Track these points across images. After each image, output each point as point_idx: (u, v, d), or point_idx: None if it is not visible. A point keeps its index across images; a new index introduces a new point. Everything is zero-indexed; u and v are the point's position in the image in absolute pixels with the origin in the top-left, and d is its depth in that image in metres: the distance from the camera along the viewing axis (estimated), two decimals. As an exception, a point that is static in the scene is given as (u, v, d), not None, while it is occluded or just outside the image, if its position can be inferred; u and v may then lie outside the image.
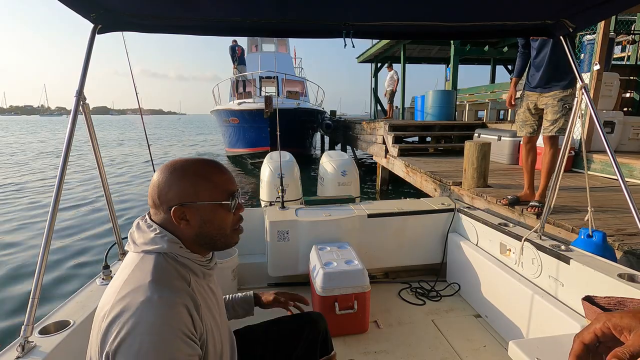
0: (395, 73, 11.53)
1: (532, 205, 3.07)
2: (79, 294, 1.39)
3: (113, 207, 1.64)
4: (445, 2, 1.44)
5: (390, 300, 2.39)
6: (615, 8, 1.47)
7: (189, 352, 0.75)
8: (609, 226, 2.70)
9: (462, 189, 4.08)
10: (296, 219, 2.42)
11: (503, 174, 4.85)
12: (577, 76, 1.71)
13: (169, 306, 0.75)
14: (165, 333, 0.72)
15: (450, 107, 9.24)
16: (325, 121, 14.02)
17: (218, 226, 0.88)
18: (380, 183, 8.25)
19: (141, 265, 0.81)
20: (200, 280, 0.89)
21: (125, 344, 0.71)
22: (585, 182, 2.00)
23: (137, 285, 0.77)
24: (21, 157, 16.01)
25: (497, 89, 10.10)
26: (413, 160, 6.24)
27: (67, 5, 1.24)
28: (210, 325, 0.86)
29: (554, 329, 1.60)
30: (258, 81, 12.88)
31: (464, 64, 14.85)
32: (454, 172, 5.03)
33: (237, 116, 11.31)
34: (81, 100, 1.33)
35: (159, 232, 0.85)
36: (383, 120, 8.43)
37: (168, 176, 0.86)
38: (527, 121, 3.22)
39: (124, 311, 0.73)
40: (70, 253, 4.74)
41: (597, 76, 4.86)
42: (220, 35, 1.65)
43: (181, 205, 0.84)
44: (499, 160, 5.86)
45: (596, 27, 4.84)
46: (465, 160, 4.03)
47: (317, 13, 1.53)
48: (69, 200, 7.48)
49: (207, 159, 0.92)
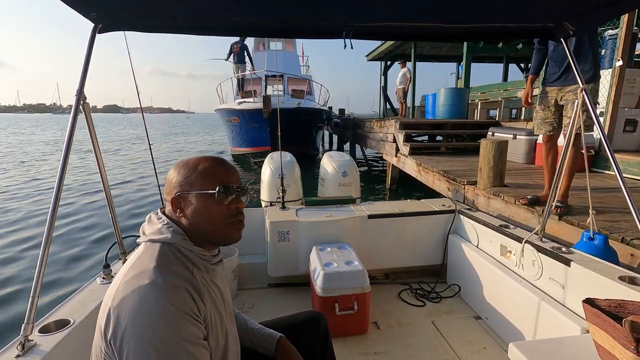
0: (408, 71, 11.35)
1: (555, 206, 2.93)
2: (80, 293, 1.40)
3: (114, 206, 1.65)
4: (446, 4, 1.44)
5: (390, 302, 2.39)
6: (617, 11, 1.49)
7: (194, 332, 0.77)
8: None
9: (478, 189, 3.95)
10: (296, 219, 2.43)
11: (519, 173, 4.70)
12: (577, 76, 1.71)
13: (173, 289, 0.77)
14: (171, 314, 0.74)
15: (463, 106, 9.08)
16: (333, 120, 13.92)
17: (208, 217, 0.88)
18: (390, 182, 8.13)
19: (147, 252, 0.85)
20: (203, 274, 0.90)
21: (131, 327, 0.73)
22: (606, 182, 1.93)
23: (141, 270, 0.80)
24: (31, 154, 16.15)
25: (510, 87, 9.89)
26: (425, 159, 6.10)
27: (67, 4, 1.24)
28: (214, 317, 0.88)
29: (555, 331, 1.59)
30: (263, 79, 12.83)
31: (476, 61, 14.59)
32: (467, 171, 4.90)
33: (238, 115, 11.31)
34: (81, 100, 1.34)
35: (166, 223, 0.89)
36: (394, 119, 8.30)
37: (174, 170, 0.92)
38: (547, 119, 3.07)
39: (129, 295, 0.75)
40: (70, 252, 4.74)
41: (620, 73, 4.66)
42: (220, 35, 1.66)
43: (178, 195, 0.88)
44: (515, 160, 5.70)
45: (619, 22, 4.65)
46: (481, 158, 3.90)
47: (317, 14, 1.52)
48: (70, 199, 7.46)
49: (212, 156, 0.95)
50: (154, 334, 0.72)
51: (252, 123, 10.73)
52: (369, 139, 9.70)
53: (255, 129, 10.68)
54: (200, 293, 0.83)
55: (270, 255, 2.43)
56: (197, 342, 0.78)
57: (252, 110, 10.36)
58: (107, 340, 0.75)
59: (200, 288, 0.84)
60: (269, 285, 2.55)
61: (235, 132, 12.40)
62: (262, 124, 9.83)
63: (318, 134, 13.89)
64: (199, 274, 0.88)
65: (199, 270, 0.89)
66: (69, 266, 4.34)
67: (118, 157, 15.11)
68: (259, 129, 10.38)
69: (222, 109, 12.55)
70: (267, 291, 2.52)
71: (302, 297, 2.37)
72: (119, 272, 0.85)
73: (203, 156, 0.94)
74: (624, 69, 4.68)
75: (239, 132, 12.02)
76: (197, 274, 0.87)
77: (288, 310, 1.42)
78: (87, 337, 0.84)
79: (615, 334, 0.97)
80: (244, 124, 11.37)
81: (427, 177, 5.57)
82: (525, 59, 14.40)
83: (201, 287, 0.85)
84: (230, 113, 11.73)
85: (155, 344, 0.72)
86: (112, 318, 0.75)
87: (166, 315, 0.74)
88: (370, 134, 9.60)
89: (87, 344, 0.83)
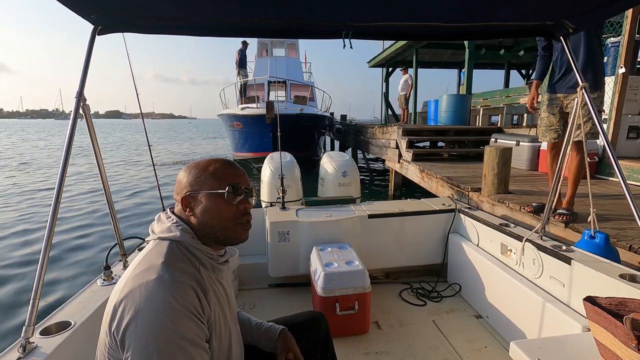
0: (409, 77, 11.40)
1: (560, 213, 2.90)
2: (80, 295, 1.40)
3: (114, 208, 1.65)
4: (445, 3, 1.44)
5: (391, 301, 2.39)
6: (615, 9, 1.48)
7: (196, 332, 0.78)
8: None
9: (482, 195, 3.94)
10: (297, 219, 2.43)
11: (523, 180, 4.69)
12: (577, 77, 1.71)
13: (179, 286, 0.79)
14: (175, 311, 0.75)
15: (465, 112, 9.10)
16: (335, 126, 13.95)
17: (217, 216, 0.90)
18: (393, 188, 8.12)
19: (155, 249, 0.87)
20: (210, 272, 0.91)
21: (135, 321, 0.73)
22: (610, 189, 1.94)
23: (149, 265, 0.82)
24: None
25: (512, 94, 9.90)
26: (428, 166, 6.10)
27: (67, 6, 1.25)
28: (218, 317, 0.89)
29: (555, 330, 1.59)
30: (266, 85, 12.89)
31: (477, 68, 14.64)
32: (471, 177, 4.89)
33: (241, 121, 11.36)
34: (81, 102, 1.34)
35: (175, 222, 0.91)
36: (396, 125, 8.32)
37: (184, 171, 0.95)
38: (552, 126, 3.03)
39: (135, 289, 0.77)
40: (71, 254, 4.75)
41: (623, 80, 4.68)
42: (220, 36, 1.65)
43: (188, 194, 0.90)
44: (518, 166, 5.70)
45: (621, 29, 4.67)
46: (485, 165, 3.89)
47: (316, 14, 1.53)
48: (70, 201, 7.48)
49: (222, 158, 0.98)
50: (156, 329, 0.73)
51: (255, 128, 10.77)
52: (371, 145, 9.71)
53: (258, 135, 10.72)
54: (205, 292, 0.84)
55: (270, 255, 2.43)
56: (198, 343, 0.78)
57: (255, 116, 10.40)
58: (111, 333, 0.76)
59: (205, 286, 0.85)
60: (270, 286, 2.55)
61: (237, 137, 12.44)
62: (264, 129, 9.87)
63: (320, 140, 13.94)
64: (205, 272, 0.89)
65: (206, 269, 0.90)
66: (69, 268, 4.34)
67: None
68: (261, 135, 10.42)
69: (225, 114, 12.62)
70: (267, 291, 2.52)
71: (303, 297, 2.37)
72: (128, 268, 0.86)
73: (213, 158, 0.96)
74: (627, 76, 4.69)
75: (241, 137, 12.07)
76: (203, 272, 0.88)
77: (289, 311, 1.42)
78: (88, 338, 0.83)
79: (616, 331, 0.97)
80: (246, 129, 11.41)
81: (431, 184, 5.56)
82: (527, 65, 14.45)
83: (207, 285, 0.86)
84: (233, 118, 11.78)
85: (157, 339, 0.73)
86: (117, 311, 0.76)
87: (170, 311, 0.75)
88: (372, 140, 9.62)
89: (88, 345, 0.83)
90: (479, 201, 4.01)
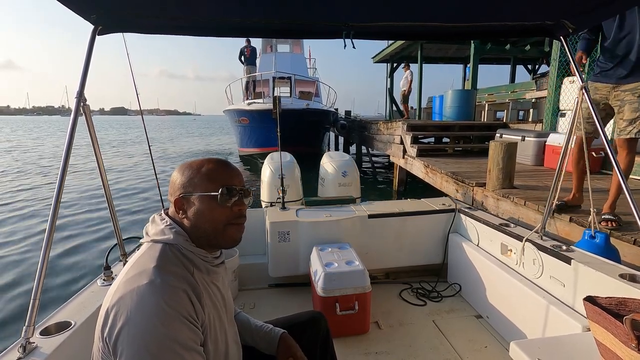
0: (410, 73, 11.35)
1: (607, 219, 2.58)
2: (80, 295, 1.41)
3: (114, 208, 1.65)
4: (445, 3, 1.44)
5: (391, 301, 2.39)
6: (615, 9, 1.48)
7: (190, 336, 0.77)
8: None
9: (487, 190, 3.93)
10: (297, 219, 2.43)
11: (528, 175, 4.67)
12: (577, 77, 1.71)
13: (171, 290, 0.78)
14: (167, 315, 0.74)
15: (470, 107, 9.03)
16: (339, 121, 13.93)
17: (209, 219, 0.88)
18: (398, 184, 8.11)
19: (148, 252, 0.85)
20: (204, 275, 0.90)
21: (127, 327, 0.73)
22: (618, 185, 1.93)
23: (141, 269, 0.80)
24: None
25: (517, 89, 9.82)
26: (432, 161, 6.09)
27: (67, 6, 1.25)
28: (213, 319, 0.88)
29: (556, 330, 1.59)
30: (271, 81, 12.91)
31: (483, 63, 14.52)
32: (475, 172, 4.88)
33: (247, 116, 11.40)
34: (82, 102, 1.35)
35: (168, 225, 0.89)
36: (401, 120, 8.29)
37: (178, 171, 0.92)
38: (590, 119, 2.52)
39: (127, 294, 0.76)
40: (71, 254, 4.77)
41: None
42: (220, 36, 1.64)
43: (181, 196, 0.89)
44: (523, 161, 5.66)
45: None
46: (490, 160, 3.88)
47: (317, 14, 1.52)
48: (71, 200, 7.50)
49: (215, 158, 0.95)
50: (148, 334, 0.72)
51: (261, 124, 10.80)
52: (376, 140, 9.69)
53: (264, 130, 10.75)
54: (199, 295, 0.83)
55: (270, 255, 2.43)
56: (192, 346, 0.77)
57: (262, 111, 10.44)
58: (103, 338, 0.75)
59: (199, 290, 0.84)
60: (270, 286, 2.55)
61: (243, 132, 12.48)
62: (271, 124, 9.90)
63: (325, 135, 13.95)
64: (199, 275, 0.88)
65: (200, 272, 0.89)
66: (69, 268, 4.35)
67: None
68: (268, 130, 10.45)
69: (231, 109, 12.66)
70: (267, 291, 2.53)
71: (303, 297, 2.38)
72: (121, 272, 0.85)
73: (207, 158, 0.94)
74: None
75: (247, 132, 12.11)
76: (197, 275, 0.87)
77: (289, 311, 1.42)
78: (87, 339, 0.83)
79: (617, 331, 0.97)
80: (253, 124, 11.44)
81: (435, 179, 5.55)
82: (533, 60, 14.30)
83: (200, 288, 0.85)
84: (239, 114, 11.82)
85: (149, 344, 0.72)
86: (109, 316, 0.75)
87: (162, 316, 0.74)
88: (377, 136, 9.60)
89: (88, 346, 0.83)
90: (483, 196, 4.01)
